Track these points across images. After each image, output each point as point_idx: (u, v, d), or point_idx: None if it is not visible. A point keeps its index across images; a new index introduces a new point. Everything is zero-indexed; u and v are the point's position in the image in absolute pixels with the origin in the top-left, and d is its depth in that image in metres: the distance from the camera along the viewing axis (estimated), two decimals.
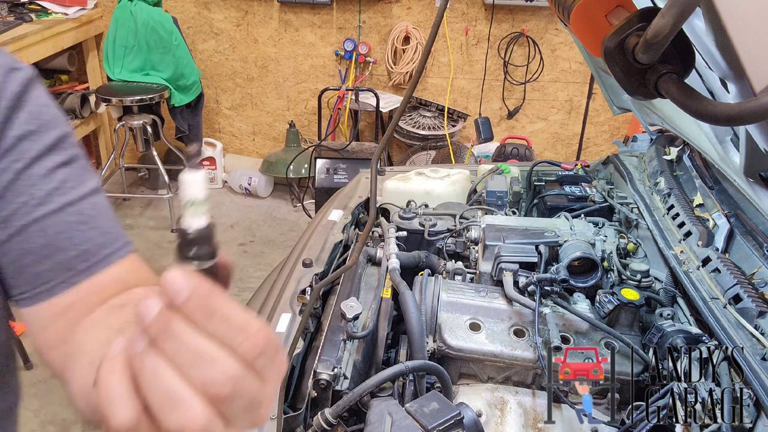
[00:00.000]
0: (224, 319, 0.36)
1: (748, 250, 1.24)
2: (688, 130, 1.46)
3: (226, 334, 0.36)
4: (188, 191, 0.37)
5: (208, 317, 0.36)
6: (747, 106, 0.58)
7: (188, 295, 0.35)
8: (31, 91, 0.69)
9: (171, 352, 0.35)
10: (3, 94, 0.66)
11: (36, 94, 0.69)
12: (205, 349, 0.35)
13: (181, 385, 0.35)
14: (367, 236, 1.42)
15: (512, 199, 1.82)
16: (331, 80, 4.34)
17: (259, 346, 0.37)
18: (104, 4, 4.20)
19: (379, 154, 1.17)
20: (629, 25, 0.70)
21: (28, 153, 0.67)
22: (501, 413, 1.17)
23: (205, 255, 0.37)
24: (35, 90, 0.69)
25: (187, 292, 0.35)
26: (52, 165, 0.68)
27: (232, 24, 4.29)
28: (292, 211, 4.29)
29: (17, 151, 0.66)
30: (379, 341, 1.26)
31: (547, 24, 4.07)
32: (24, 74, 0.68)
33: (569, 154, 4.43)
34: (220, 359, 0.36)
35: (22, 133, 0.66)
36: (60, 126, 0.71)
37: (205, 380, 0.35)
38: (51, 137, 0.69)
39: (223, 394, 0.36)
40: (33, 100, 0.69)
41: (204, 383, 0.35)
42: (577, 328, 1.24)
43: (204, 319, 0.36)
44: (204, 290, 0.36)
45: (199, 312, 0.35)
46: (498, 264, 1.35)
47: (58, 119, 0.71)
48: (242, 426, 0.39)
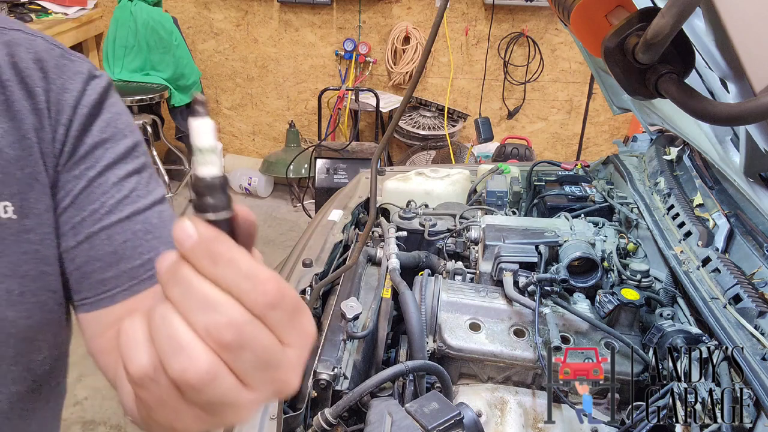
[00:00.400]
0: (230, 265, 0.35)
1: (748, 250, 1.24)
2: (688, 130, 1.46)
3: (231, 281, 0.35)
4: (197, 138, 0.36)
5: (213, 263, 0.35)
6: (747, 106, 0.58)
7: (193, 242, 0.35)
8: (107, 99, 0.70)
9: (176, 298, 0.35)
10: (82, 101, 0.67)
11: (112, 102, 0.71)
12: (209, 293, 0.35)
13: (184, 330, 0.35)
14: (367, 236, 1.42)
15: (512, 199, 1.82)
16: (331, 80, 4.34)
17: (268, 295, 0.35)
18: (104, 4, 4.20)
19: (379, 154, 1.17)
20: (629, 25, 0.70)
21: (102, 161, 0.68)
22: (501, 413, 1.17)
23: (219, 205, 0.36)
24: (111, 98, 0.71)
25: (193, 239, 0.35)
26: (124, 173, 0.69)
27: (232, 24, 4.29)
28: (292, 211, 4.29)
29: (92, 158, 0.68)
30: (379, 341, 1.26)
31: (547, 24, 4.06)
32: (102, 82, 0.70)
33: (569, 154, 4.43)
34: (223, 304, 0.35)
35: (98, 140, 0.68)
36: (133, 134, 0.72)
37: (207, 325, 0.35)
38: (124, 145, 0.70)
39: (225, 340, 0.35)
40: (109, 108, 0.70)
41: (207, 328, 0.35)
42: (577, 328, 1.24)
43: (209, 265, 0.35)
44: (209, 236, 0.35)
45: (205, 258, 0.35)
46: (498, 264, 1.35)
47: (131, 127, 0.72)
48: (263, 389, 0.37)
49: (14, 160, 0.64)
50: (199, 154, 0.36)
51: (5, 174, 0.63)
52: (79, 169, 0.67)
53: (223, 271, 0.35)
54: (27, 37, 0.67)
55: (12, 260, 0.64)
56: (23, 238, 0.65)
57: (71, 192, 0.67)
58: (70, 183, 0.67)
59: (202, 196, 0.36)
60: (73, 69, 0.68)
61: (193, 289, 0.35)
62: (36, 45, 0.67)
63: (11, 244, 0.64)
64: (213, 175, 0.36)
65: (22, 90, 0.64)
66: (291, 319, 0.37)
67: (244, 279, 0.35)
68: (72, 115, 0.66)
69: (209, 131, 0.36)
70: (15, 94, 0.64)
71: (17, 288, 0.65)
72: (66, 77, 0.67)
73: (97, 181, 0.67)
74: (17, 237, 0.64)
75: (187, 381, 0.35)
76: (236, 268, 0.35)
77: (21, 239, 0.64)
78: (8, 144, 0.63)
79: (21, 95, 0.64)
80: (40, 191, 0.65)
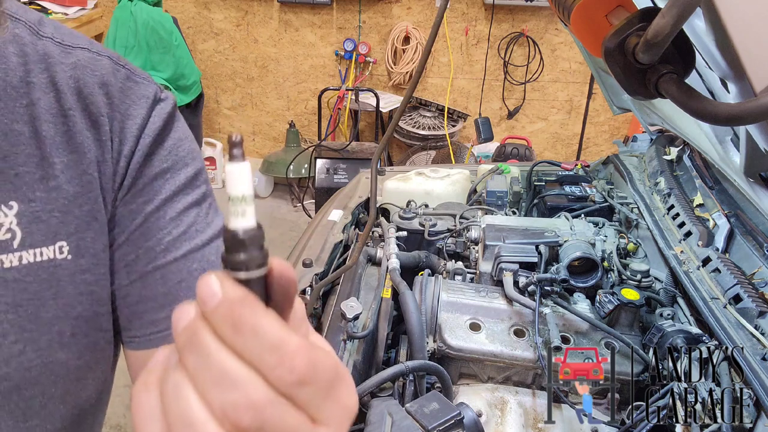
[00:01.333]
0: (253, 334, 0.30)
1: (748, 250, 1.24)
2: (688, 130, 1.46)
3: (254, 353, 0.30)
4: (233, 186, 0.32)
5: (234, 331, 0.30)
6: (747, 106, 0.58)
7: (217, 302, 0.30)
8: (171, 125, 0.65)
9: (192, 367, 0.31)
10: (146, 130, 0.63)
11: (176, 127, 0.66)
12: (229, 367, 0.30)
13: (198, 407, 0.31)
14: (367, 236, 1.42)
15: (512, 199, 1.82)
16: (331, 80, 4.34)
17: (295, 371, 0.31)
18: (104, 4, 4.20)
19: (379, 154, 1.17)
20: (630, 25, 0.70)
21: (161, 194, 0.64)
22: (501, 413, 1.17)
23: (251, 262, 0.32)
24: (175, 122, 0.66)
25: (217, 298, 0.30)
26: (182, 207, 0.65)
27: (232, 24, 4.29)
28: (292, 211, 4.29)
29: (150, 191, 0.63)
30: (379, 341, 1.26)
31: (547, 24, 4.06)
32: (167, 107, 0.65)
33: (569, 154, 4.43)
34: (244, 381, 0.30)
35: (158, 171, 0.63)
36: (194, 162, 0.67)
37: (224, 404, 0.30)
38: (185, 175, 0.65)
39: (243, 425, 0.30)
40: (172, 135, 0.65)
41: (223, 408, 0.30)
42: (577, 328, 1.24)
43: (231, 332, 0.30)
44: (234, 298, 0.31)
45: (226, 324, 0.30)
46: (498, 264, 1.35)
47: (193, 154, 0.67)
48: None
49: (73, 197, 0.60)
50: (231, 203, 0.32)
51: (63, 213, 0.59)
52: (137, 202, 0.63)
53: (245, 342, 0.30)
54: (92, 57, 0.62)
55: (66, 302, 0.61)
56: (79, 279, 0.61)
57: (127, 228, 0.63)
58: (127, 218, 0.63)
59: (234, 252, 0.32)
60: (138, 93, 0.63)
61: (211, 360, 0.31)
62: (101, 66, 0.62)
63: (66, 286, 0.60)
64: (246, 228, 0.32)
65: (86, 119, 0.60)
66: (326, 394, 0.32)
67: (268, 352, 0.30)
68: (135, 145, 0.62)
69: (247, 177, 0.32)
70: (78, 125, 0.60)
71: (69, 330, 0.62)
72: (130, 102, 0.63)
73: (154, 216, 0.63)
74: (72, 278, 0.61)
75: None
76: (260, 339, 0.30)
77: (76, 280, 0.61)
78: (67, 179, 0.59)
79: (84, 125, 0.60)
80: (97, 230, 0.62)
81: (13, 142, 0.57)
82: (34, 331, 0.60)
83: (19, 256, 0.58)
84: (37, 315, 0.60)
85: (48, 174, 0.59)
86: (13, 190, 0.57)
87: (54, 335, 0.61)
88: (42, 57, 0.59)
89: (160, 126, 0.64)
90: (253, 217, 0.32)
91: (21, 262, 0.58)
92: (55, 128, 0.59)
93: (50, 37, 0.60)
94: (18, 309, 0.59)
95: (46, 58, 0.59)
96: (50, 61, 0.59)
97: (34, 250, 0.58)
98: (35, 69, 0.58)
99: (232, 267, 0.32)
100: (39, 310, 0.60)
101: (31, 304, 0.59)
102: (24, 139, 0.57)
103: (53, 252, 0.59)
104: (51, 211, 0.59)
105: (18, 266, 0.58)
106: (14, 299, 0.58)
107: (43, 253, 0.59)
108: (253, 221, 0.32)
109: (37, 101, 0.58)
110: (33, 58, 0.59)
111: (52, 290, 0.60)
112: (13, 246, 0.57)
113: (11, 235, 0.57)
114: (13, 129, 0.57)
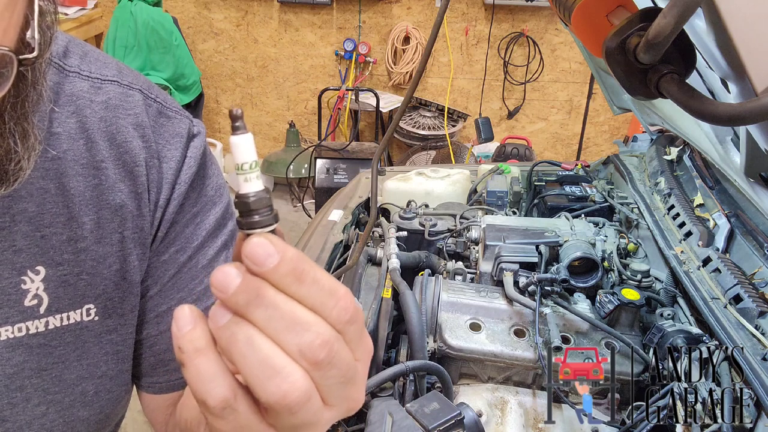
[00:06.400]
0: (315, 283, 0.35)
1: (749, 250, 1.24)
2: (688, 130, 1.46)
3: (317, 298, 0.35)
4: (240, 155, 0.35)
5: (299, 281, 0.34)
6: (748, 106, 0.58)
7: (279, 260, 0.34)
8: (204, 166, 0.63)
9: (263, 319, 0.34)
10: (181, 177, 0.60)
11: (206, 164, 0.64)
12: (299, 313, 0.34)
13: (277, 353, 0.34)
14: (368, 236, 1.42)
15: (512, 199, 1.82)
16: (331, 80, 4.34)
17: (348, 311, 0.35)
18: (104, 4, 4.20)
19: (379, 154, 1.17)
20: (630, 25, 0.70)
21: (193, 241, 0.63)
22: (501, 413, 1.17)
23: (267, 220, 0.36)
24: (207, 159, 0.64)
25: (278, 256, 0.34)
26: (213, 253, 0.64)
27: (232, 24, 4.29)
28: (292, 211, 4.29)
29: (182, 239, 0.62)
30: (380, 341, 1.26)
31: (547, 24, 4.06)
32: (199, 142, 0.63)
33: (569, 154, 4.43)
34: (314, 323, 0.34)
35: (189, 217, 0.62)
36: (221, 198, 0.66)
37: (301, 345, 0.34)
38: (214, 216, 0.64)
39: (319, 359, 0.34)
40: (202, 173, 0.63)
41: (301, 348, 0.34)
42: (578, 328, 1.24)
43: (295, 283, 0.34)
44: (296, 255, 0.34)
45: (290, 276, 0.34)
46: (498, 264, 1.35)
47: (220, 190, 0.66)
48: (341, 406, 0.37)
49: (102, 257, 0.57)
50: (241, 171, 0.35)
51: (91, 275, 0.57)
52: (169, 252, 0.62)
53: (308, 290, 0.35)
54: (123, 92, 0.58)
55: (91, 362, 0.60)
56: (105, 340, 0.60)
57: (160, 280, 0.62)
58: (159, 269, 0.62)
59: (248, 215, 0.35)
60: (172, 130, 0.60)
61: (280, 310, 0.34)
62: (134, 103, 0.58)
63: (92, 347, 0.59)
64: (256, 191, 0.36)
65: (120, 169, 0.56)
66: (361, 332, 0.37)
67: (327, 296, 0.35)
68: (170, 194, 0.60)
69: (251, 146, 0.35)
70: (111, 178, 0.56)
71: (93, 389, 0.61)
72: (164, 141, 0.59)
73: (187, 265, 0.62)
74: (98, 339, 0.60)
75: (286, 404, 0.34)
76: (320, 286, 0.35)
77: (102, 341, 0.60)
78: (96, 240, 0.56)
79: (118, 176, 0.56)
80: (126, 290, 0.60)
81: (39, 202, 0.53)
82: (57, 393, 0.58)
83: (45, 321, 0.56)
84: (61, 377, 0.58)
85: (76, 235, 0.55)
86: (40, 254, 0.54)
87: (77, 395, 0.59)
88: (69, 98, 0.55)
89: (194, 171, 0.61)
90: (260, 180, 0.36)
91: (47, 327, 0.56)
92: (85, 182, 0.55)
93: (77, 72, 0.56)
94: (42, 373, 0.57)
95: (74, 99, 0.55)
96: (79, 103, 0.55)
97: (60, 315, 0.56)
98: (62, 114, 0.54)
99: (249, 227, 0.35)
100: (63, 372, 0.58)
101: (56, 368, 0.57)
102: (50, 197, 0.54)
103: (80, 315, 0.58)
104: (79, 274, 0.56)
105: (44, 331, 0.56)
106: (39, 364, 0.56)
107: (70, 317, 0.57)
108: (261, 185, 0.36)
109: (65, 153, 0.54)
110: (60, 101, 0.54)
111: (77, 352, 0.58)
112: (40, 312, 0.55)
113: (38, 301, 0.55)
114: (38, 187, 0.53)
